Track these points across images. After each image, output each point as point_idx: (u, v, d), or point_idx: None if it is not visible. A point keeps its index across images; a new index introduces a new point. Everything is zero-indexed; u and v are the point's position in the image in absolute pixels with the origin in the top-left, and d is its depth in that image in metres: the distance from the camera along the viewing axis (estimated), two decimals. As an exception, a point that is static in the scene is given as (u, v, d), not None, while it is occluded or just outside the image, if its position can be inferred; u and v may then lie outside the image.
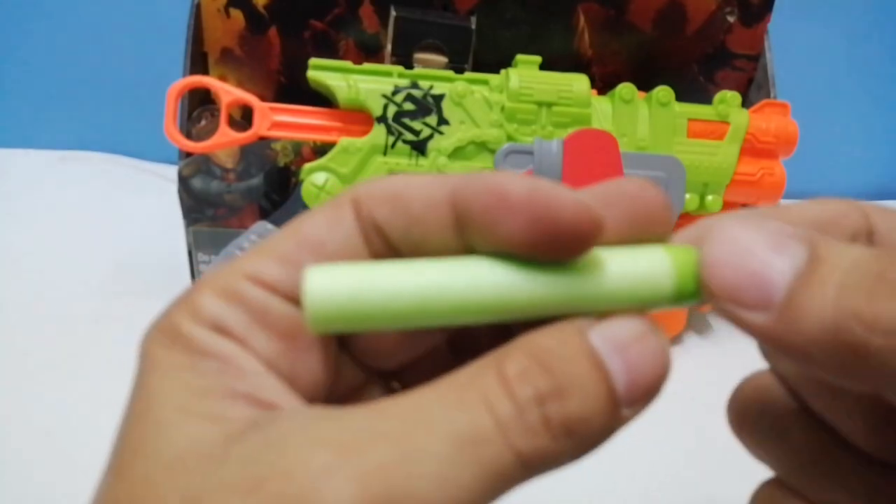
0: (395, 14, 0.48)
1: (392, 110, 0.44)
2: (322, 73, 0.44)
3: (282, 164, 0.48)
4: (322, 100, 0.45)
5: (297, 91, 0.48)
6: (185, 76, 0.49)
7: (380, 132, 0.44)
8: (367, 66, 0.44)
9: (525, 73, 0.45)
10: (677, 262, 0.15)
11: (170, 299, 0.16)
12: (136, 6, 0.73)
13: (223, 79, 0.51)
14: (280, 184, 0.48)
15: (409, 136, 0.44)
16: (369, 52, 0.51)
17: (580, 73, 0.46)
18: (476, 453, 0.13)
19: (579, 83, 0.45)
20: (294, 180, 0.48)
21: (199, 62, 0.50)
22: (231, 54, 0.51)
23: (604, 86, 0.49)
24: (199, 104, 0.50)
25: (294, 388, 0.16)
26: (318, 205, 0.43)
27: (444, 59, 0.48)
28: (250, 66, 0.51)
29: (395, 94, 0.44)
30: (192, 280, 0.50)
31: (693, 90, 0.54)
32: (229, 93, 0.43)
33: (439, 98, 0.44)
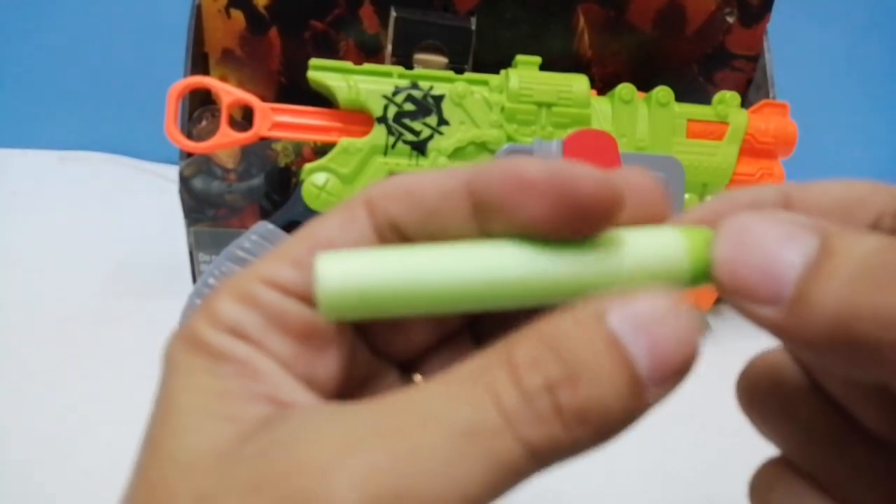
0: (395, 14, 0.48)
1: (392, 111, 0.44)
2: (322, 73, 0.44)
3: (282, 165, 0.48)
4: (322, 100, 0.46)
5: (298, 91, 0.48)
6: (185, 77, 0.49)
7: (380, 133, 0.44)
8: (367, 66, 0.44)
9: (525, 74, 0.45)
10: (692, 243, 0.15)
11: (170, 299, 0.16)
12: (137, 7, 0.73)
13: (224, 79, 0.51)
14: (281, 184, 0.48)
15: (410, 137, 0.44)
16: (369, 52, 0.51)
17: (580, 74, 0.46)
18: (483, 447, 0.13)
19: (579, 84, 0.46)
20: (295, 180, 0.48)
21: (199, 63, 0.50)
22: (232, 55, 0.51)
23: (603, 86, 0.49)
24: (200, 104, 0.50)
25: (311, 387, 0.16)
26: (318, 205, 0.43)
27: (444, 60, 0.48)
28: (251, 66, 0.51)
29: (395, 94, 0.44)
30: (193, 280, 0.50)
31: (692, 91, 0.54)
32: (230, 93, 0.43)
33: (439, 98, 0.44)
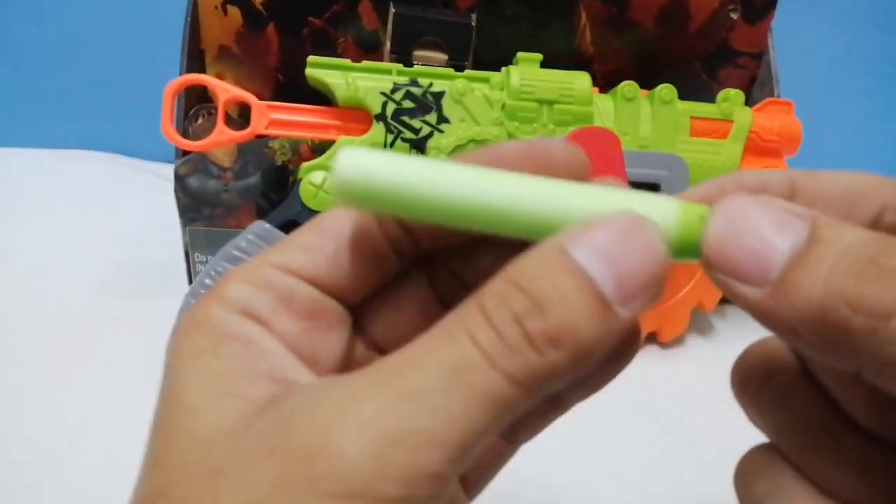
0: (394, 11, 0.47)
1: (391, 108, 0.43)
2: (320, 70, 0.43)
3: (279, 163, 0.48)
4: (321, 98, 0.45)
5: (296, 89, 0.48)
6: (182, 74, 0.48)
7: (379, 130, 0.43)
8: (366, 63, 0.44)
9: (526, 71, 0.45)
10: (686, 214, 0.16)
11: (166, 299, 0.16)
12: (133, 4, 0.72)
13: (220, 77, 0.50)
14: (278, 182, 0.48)
15: (409, 135, 0.44)
16: (368, 49, 0.51)
17: (582, 71, 0.46)
18: (465, 380, 0.13)
19: (581, 81, 0.45)
20: (292, 179, 0.48)
21: (196, 60, 0.50)
22: (228, 52, 0.50)
23: (605, 84, 0.48)
24: (197, 102, 0.49)
25: (313, 367, 0.17)
26: (316, 204, 0.43)
27: (443, 57, 0.48)
28: (248, 63, 0.51)
29: (394, 91, 0.43)
30: (189, 281, 0.50)
31: (696, 88, 0.53)
32: (227, 91, 0.43)
33: (439, 96, 0.44)
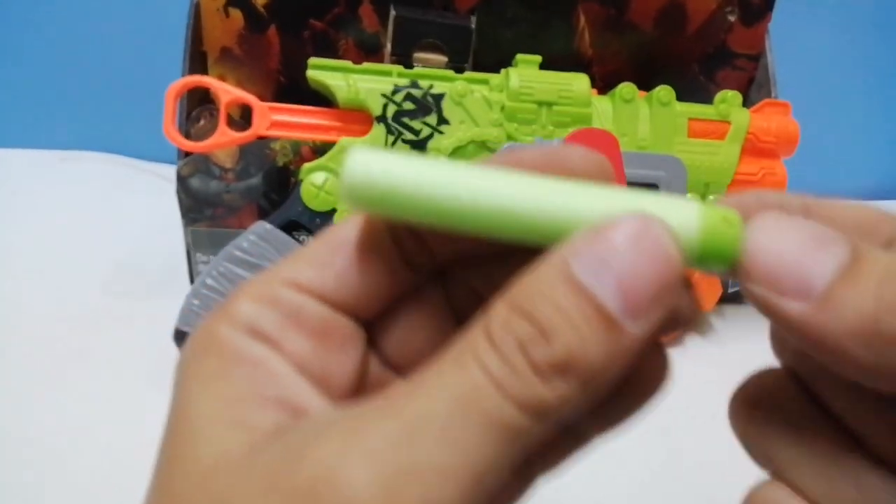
0: (394, 13, 0.48)
1: (392, 110, 0.44)
2: (321, 72, 0.43)
3: (281, 164, 0.48)
4: (322, 99, 0.45)
5: (297, 91, 0.48)
6: (184, 76, 0.49)
7: (379, 132, 0.44)
8: (366, 65, 0.44)
9: (525, 73, 0.45)
10: (709, 220, 0.15)
11: (168, 299, 0.16)
12: (136, 6, 0.73)
13: (222, 78, 0.50)
14: (279, 183, 0.48)
15: (409, 136, 0.44)
16: (369, 51, 0.51)
17: (580, 73, 0.46)
18: (476, 408, 0.13)
19: (580, 83, 0.45)
20: (293, 180, 0.48)
21: (198, 62, 0.50)
22: (230, 54, 0.50)
23: (604, 85, 0.49)
24: (199, 104, 0.49)
25: (324, 388, 0.16)
26: (317, 205, 0.43)
27: (443, 59, 0.48)
28: (249, 65, 0.51)
29: (394, 93, 0.44)
30: (191, 281, 0.50)
31: (694, 90, 0.54)
32: (228, 92, 0.43)
33: (439, 97, 0.44)
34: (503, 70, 0.46)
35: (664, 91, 0.46)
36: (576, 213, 0.15)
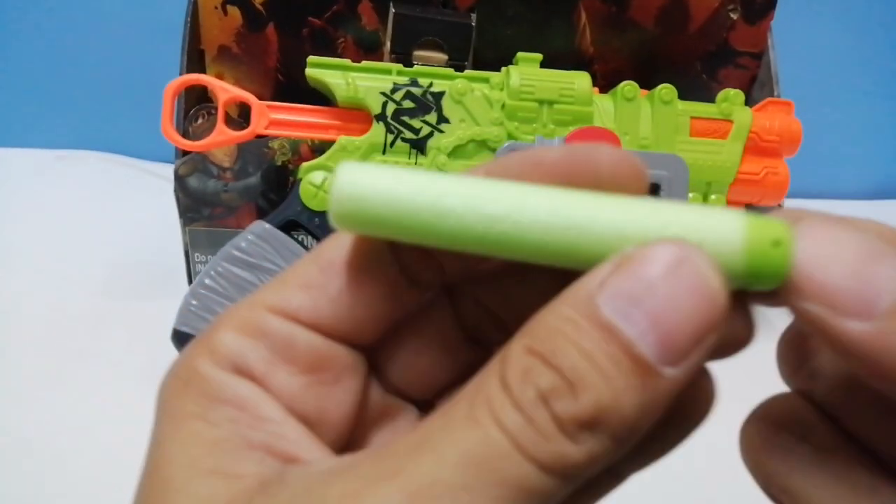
0: (394, 11, 0.47)
1: (391, 108, 0.43)
2: (320, 70, 0.43)
3: (279, 163, 0.47)
4: (320, 98, 0.45)
5: (296, 89, 0.48)
6: (181, 74, 0.48)
7: (379, 130, 0.43)
8: (366, 63, 0.43)
9: (526, 71, 0.45)
10: (754, 232, 0.13)
11: (166, 299, 0.16)
12: (133, 4, 0.72)
13: (220, 77, 0.50)
14: (278, 183, 0.48)
15: (409, 135, 0.44)
16: (368, 49, 0.51)
17: (582, 71, 0.46)
18: (492, 472, 0.11)
19: (581, 81, 0.45)
20: (292, 179, 0.48)
21: (196, 60, 0.50)
22: (228, 52, 0.50)
23: (605, 84, 0.48)
24: (197, 102, 0.49)
25: (319, 429, 0.15)
26: (316, 204, 0.42)
27: (443, 57, 0.48)
28: (248, 63, 0.51)
29: (394, 91, 0.43)
30: (189, 281, 0.50)
31: (696, 88, 0.53)
32: (226, 91, 0.43)
33: (439, 96, 0.44)
34: (504, 68, 0.45)
35: (666, 89, 0.46)
36: (602, 234, 0.13)
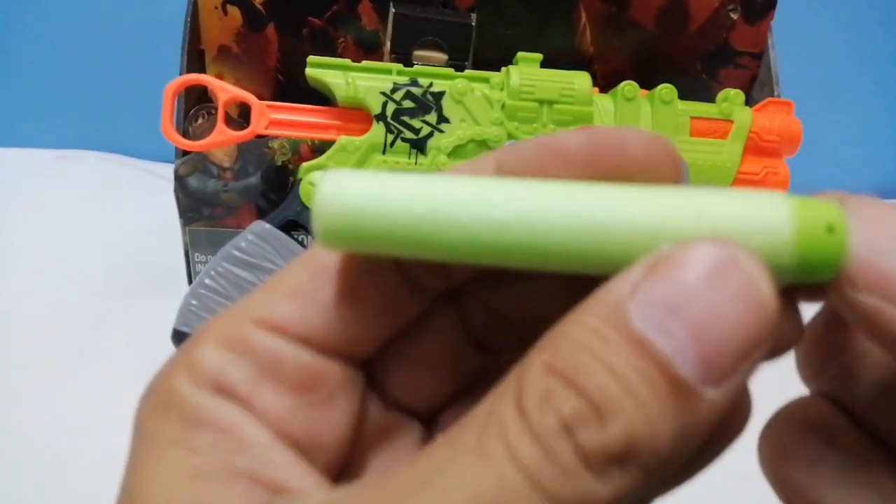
0: (394, 11, 0.47)
1: (391, 108, 0.43)
2: (320, 70, 0.43)
3: (279, 163, 0.47)
4: (321, 98, 0.45)
5: (296, 89, 0.48)
6: (182, 74, 0.48)
7: (379, 130, 0.43)
8: (366, 63, 0.43)
9: (526, 71, 0.45)
10: (805, 220, 0.11)
11: (166, 300, 0.15)
12: (133, 4, 0.72)
13: (220, 77, 0.50)
14: (278, 183, 0.48)
15: (409, 135, 0.44)
16: (368, 49, 0.51)
17: (582, 71, 0.46)
18: None
19: (581, 81, 0.45)
20: (292, 179, 0.48)
21: (195, 60, 0.50)
22: (228, 52, 0.50)
23: (605, 84, 0.48)
24: (196, 102, 0.49)
25: (311, 454, 0.13)
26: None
27: (443, 57, 0.48)
28: (248, 63, 0.51)
29: (394, 91, 0.43)
30: (189, 281, 0.50)
31: (696, 88, 0.53)
32: (226, 91, 0.43)
33: (439, 96, 0.44)
34: (504, 68, 0.45)
35: (666, 89, 0.46)
36: (631, 232, 0.11)
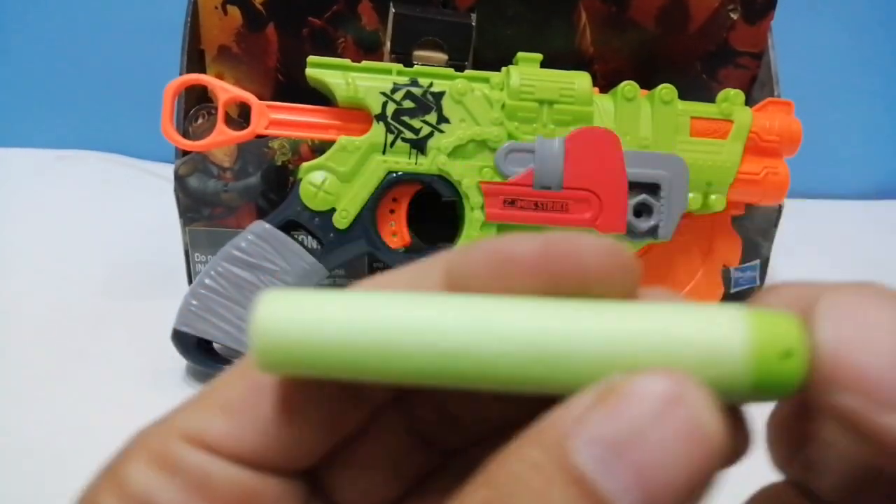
0: (394, 11, 0.47)
1: (391, 108, 0.43)
2: (320, 70, 0.43)
3: (279, 163, 0.47)
4: (321, 98, 0.45)
5: (296, 89, 0.48)
6: (182, 74, 0.48)
7: (379, 130, 0.43)
8: (366, 63, 0.43)
9: (526, 71, 0.45)
10: (759, 338, 0.11)
11: (166, 300, 0.15)
12: (133, 4, 0.72)
13: (220, 77, 0.50)
14: (278, 183, 0.48)
15: (409, 135, 0.44)
16: (368, 49, 0.51)
17: (582, 71, 0.46)
18: None
19: (581, 81, 0.45)
20: (292, 179, 0.48)
21: (196, 60, 0.50)
22: (228, 52, 0.50)
23: (606, 84, 0.48)
24: (197, 102, 0.49)
25: None
26: (316, 204, 0.42)
27: (444, 57, 0.48)
28: (248, 63, 0.51)
29: (394, 91, 0.43)
30: (189, 281, 0.50)
31: (696, 88, 0.53)
32: (226, 91, 0.43)
33: (439, 96, 0.44)
34: (504, 68, 0.45)
35: (666, 89, 0.46)
36: (583, 356, 0.11)
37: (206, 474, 0.12)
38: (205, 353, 0.42)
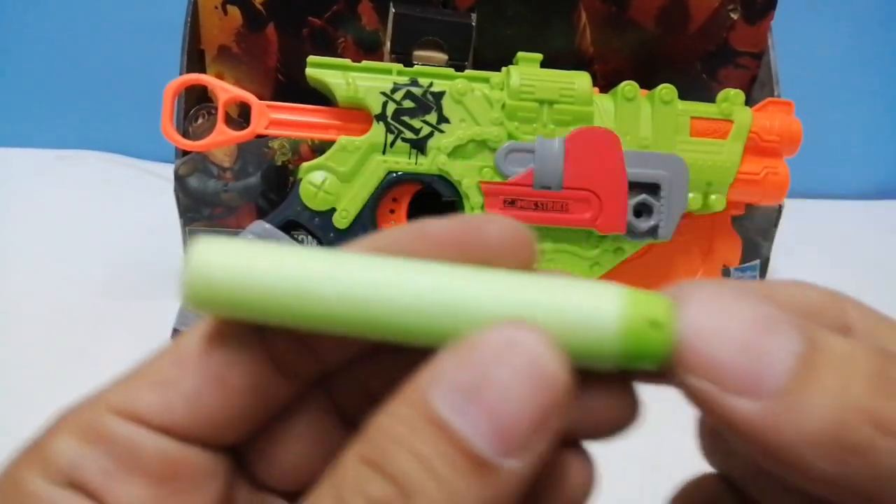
0: (394, 11, 0.47)
1: (391, 108, 0.43)
2: (320, 70, 0.43)
3: (279, 163, 0.47)
4: (321, 98, 0.45)
5: (296, 89, 0.48)
6: (182, 74, 0.48)
7: (379, 130, 0.43)
8: (366, 63, 0.43)
9: (526, 71, 0.45)
10: (632, 306, 0.12)
11: (166, 300, 0.15)
12: (133, 4, 0.72)
13: (220, 76, 0.50)
14: (278, 182, 0.48)
15: (409, 135, 0.44)
16: (368, 49, 0.51)
17: (582, 71, 0.46)
18: None
19: (581, 81, 0.45)
20: (292, 179, 0.48)
21: (196, 60, 0.50)
22: (228, 52, 0.50)
23: (606, 84, 0.48)
24: (197, 102, 0.49)
25: None
26: (316, 204, 0.42)
27: (444, 57, 0.48)
28: (248, 63, 0.51)
29: (394, 91, 0.43)
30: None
31: (696, 88, 0.53)
32: (226, 91, 0.43)
33: (439, 96, 0.44)
34: (504, 68, 0.45)
35: (666, 89, 0.46)
36: (464, 314, 0.12)
37: (134, 445, 0.13)
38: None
